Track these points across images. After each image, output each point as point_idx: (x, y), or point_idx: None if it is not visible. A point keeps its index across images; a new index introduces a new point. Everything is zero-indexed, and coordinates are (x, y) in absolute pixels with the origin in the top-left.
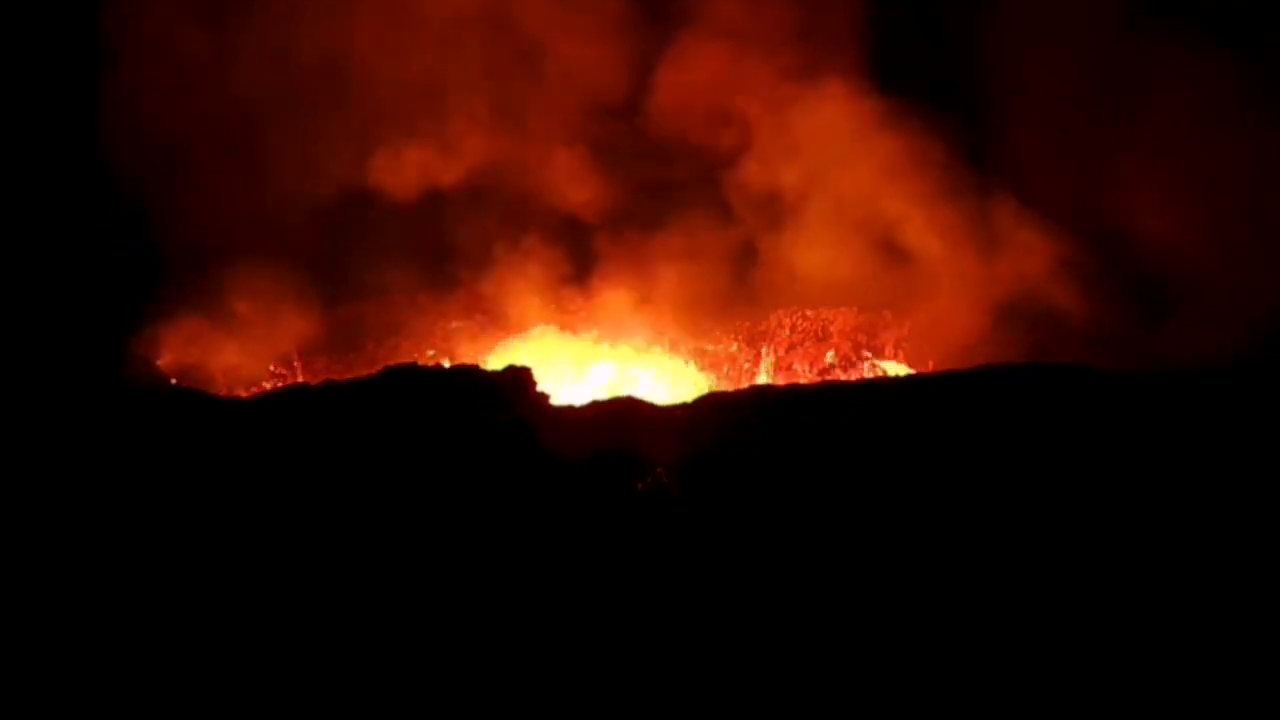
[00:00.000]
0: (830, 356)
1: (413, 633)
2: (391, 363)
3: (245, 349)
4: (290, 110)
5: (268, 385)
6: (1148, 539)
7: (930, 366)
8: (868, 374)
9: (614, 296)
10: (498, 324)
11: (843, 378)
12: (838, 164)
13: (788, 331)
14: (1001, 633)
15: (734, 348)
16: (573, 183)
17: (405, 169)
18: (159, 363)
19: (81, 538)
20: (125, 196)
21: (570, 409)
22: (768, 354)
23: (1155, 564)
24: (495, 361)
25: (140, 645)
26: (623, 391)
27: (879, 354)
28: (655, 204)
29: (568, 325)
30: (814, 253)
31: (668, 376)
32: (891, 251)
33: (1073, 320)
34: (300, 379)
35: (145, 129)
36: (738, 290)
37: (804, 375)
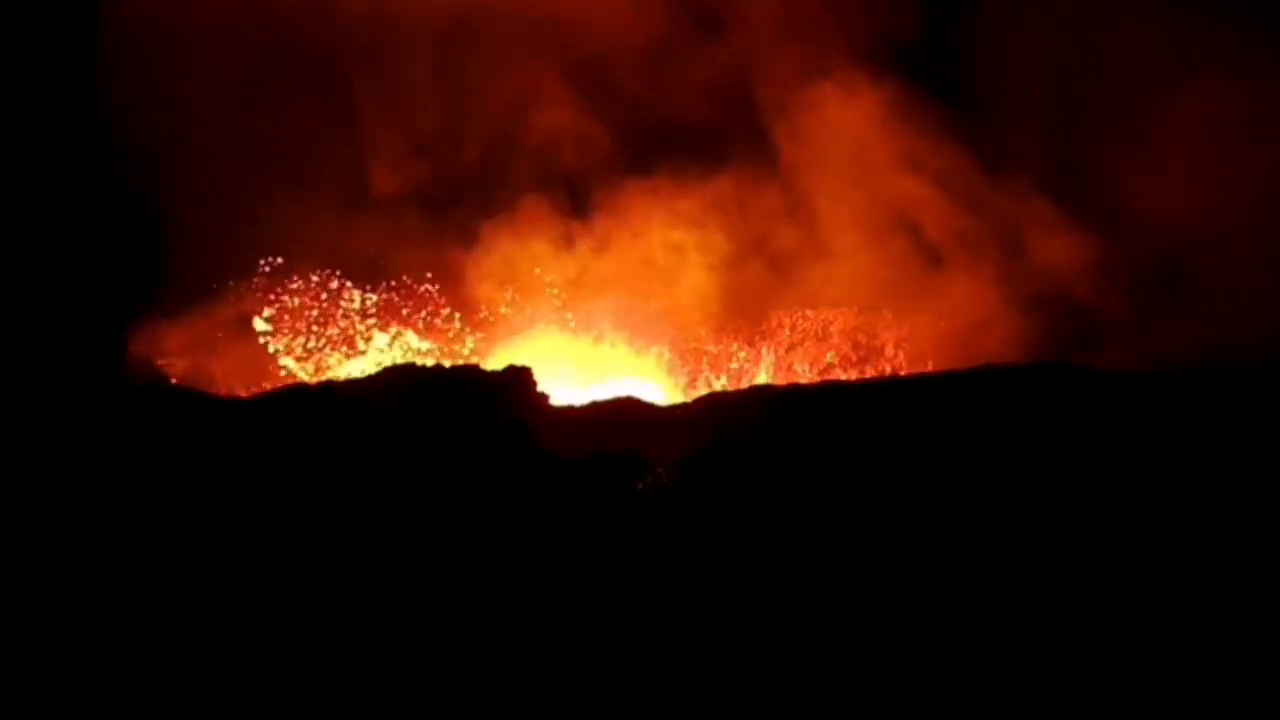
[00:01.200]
0: (830, 357)
1: (413, 631)
2: (390, 362)
3: (245, 349)
4: (290, 107)
5: (268, 385)
6: (1148, 538)
7: (930, 366)
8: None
9: (615, 296)
10: (498, 324)
11: (843, 377)
12: (844, 161)
13: (788, 331)
14: (1001, 631)
15: (734, 347)
16: (576, 179)
17: (406, 164)
18: (159, 362)
19: (82, 535)
20: (127, 195)
21: (570, 409)
22: (768, 354)
23: (1155, 563)
24: (495, 361)
25: (140, 642)
26: (622, 391)
27: (879, 354)
28: (658, 202)
29: (568, 325)
30: (819, 251)
31: (667, 376)
32: (898, 249)
33: (1081, 319)
34: (300, 379)
35: (147, 128)
36: (738, 290)
37: (804, 375)
